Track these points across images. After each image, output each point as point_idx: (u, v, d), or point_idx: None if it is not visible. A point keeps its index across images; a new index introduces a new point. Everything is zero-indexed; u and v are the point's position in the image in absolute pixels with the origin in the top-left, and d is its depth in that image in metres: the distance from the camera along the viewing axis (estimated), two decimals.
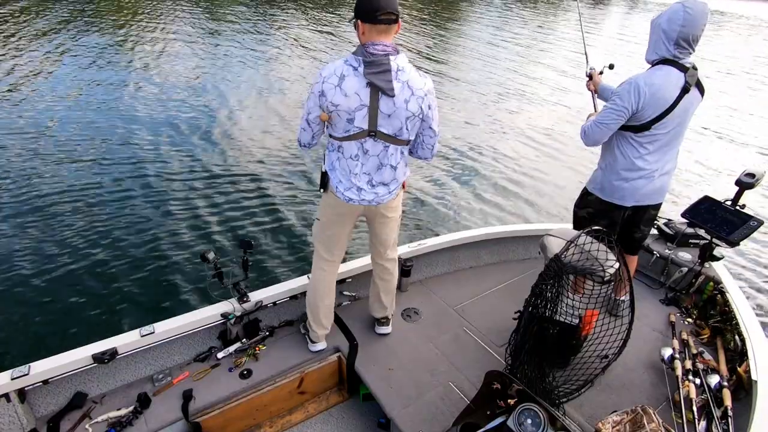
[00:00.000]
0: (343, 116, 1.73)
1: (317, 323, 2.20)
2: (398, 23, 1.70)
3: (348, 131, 1.76)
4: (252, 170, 5.38)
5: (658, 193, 2.21)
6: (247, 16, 14.86)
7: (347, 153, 1.81)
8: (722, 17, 31.35)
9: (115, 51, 9.79)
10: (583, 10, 31.22)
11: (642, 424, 1.61)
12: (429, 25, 16.60)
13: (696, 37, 1.89)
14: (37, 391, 1.86)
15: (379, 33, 1.67)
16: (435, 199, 5.16)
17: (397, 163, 1.87)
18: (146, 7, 14.85)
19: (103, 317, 3.21)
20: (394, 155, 1.85)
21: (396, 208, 2.05)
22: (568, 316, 1.90)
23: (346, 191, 1.87)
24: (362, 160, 1.82)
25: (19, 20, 11.86)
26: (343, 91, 1.68)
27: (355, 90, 1.69)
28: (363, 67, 1.67)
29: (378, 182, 1.88)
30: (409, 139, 1.84)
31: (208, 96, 7.69)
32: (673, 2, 1.93)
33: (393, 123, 1.76)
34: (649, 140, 2.05)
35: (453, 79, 10.01)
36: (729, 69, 13.85)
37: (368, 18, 1.64)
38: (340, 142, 1.81)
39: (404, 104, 1.73)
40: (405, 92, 1.72)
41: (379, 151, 1.81)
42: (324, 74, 1.72)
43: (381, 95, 1.70)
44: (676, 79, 1.94)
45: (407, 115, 1.76)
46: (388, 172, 1.87)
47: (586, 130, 2.12)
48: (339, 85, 1.68)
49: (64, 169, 5.03)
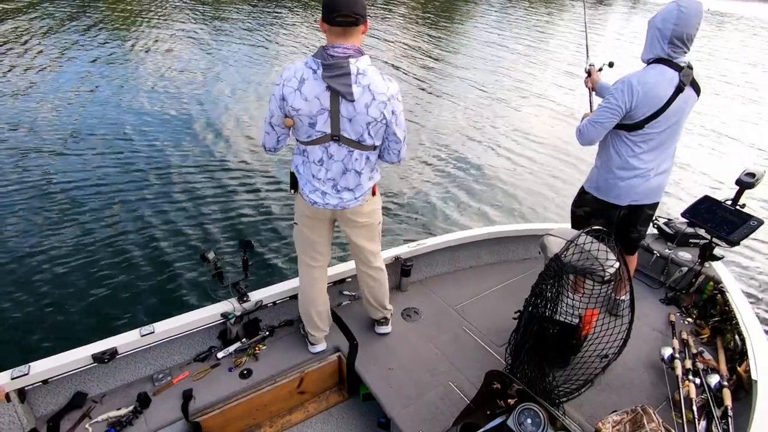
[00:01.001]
0: (305, 121, 1.68)
1: (313, 327, 2.20)
2: (364, 25, 1.64)
3: (310, 136, 1.72)
4: (252, 170, 5.38)
5: (654, 193, 2.20)
6: (252, 14, 14.87)
7: (312, 157, 1.79)
8: (722, 18, 31.35)
9: (117, 47, 9.79)
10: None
11: (642, 423, 1.61)
12: (429, 24, 16.61)
13: (690, 36, 1.90)
14: (37, 391, 1.86)
15: (337, 35, 1.61)
16: (435, 199, 5.16)
17: (361, 169, 1.81)
18: (152, 5, 14.86)
19: (103, 317, 3.21)
20: (359, 160, 1.79)
21: (368, 214, 1.96)
22: (568, 315, 1.90)
23: (310, 194, 1.85)
24: (327, 165, 1.79)
25: (26, 17, 11.86)
26: (303, 95, 1.63)
27: (315, 94, 1.63)
28: (321, 70, 1.61)
29: (343, 187, 1.84)
30: (373, 144, 1.77)
31: (210, 95, 7.69)
32: (668, 1, 1.93)
33: (355, 128, 1.70)
34: (643, 139, 2.05)
35: (452, 78, 10.02)
36: (729, 69, 13.85)
37: (326, 19, 1.59)
38: (305, 146, 1.78)
39: (365, 109, 1.66)
40: (365, 96, 1.65)
41: (343, 156, 1.77)
42: (284, 77, 1.67)
43: (341, 99, 1.64)
44: (670, 77, 1.94)
45: (368, 120, 1.68)
46: (352, 178, 1.82)
47: (581, 129, 2.12)
48: (299, 89, 1.64)
49: (64, 169, 5.03)
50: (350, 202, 1.88)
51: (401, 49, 12.33)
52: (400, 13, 17.62)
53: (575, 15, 23.67)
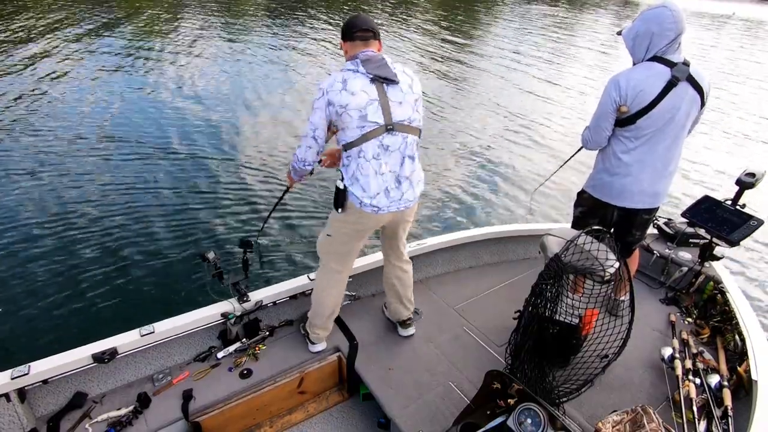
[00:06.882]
0: (354, 115, 1.71)
1: (322, 327, 2.21)
2: (378, 41, 1.83)
3: (363, 128, 1.73)
4: (252, 170, 5.38)
5: (650, 197, 2.15)
6: (277, 20, 14.86)
7: (369, 154, 1.76)
8: (725, 18, 31.31)
9: (134, 49, 9.79)
10: (613, 7, 31.23)
11: (642, 423, 1.61)
12: (448, 27, 16.60)
13: (682, 32, 1.92)
14: (37, 391, 1.86)
15: (359, 48, 1.80)
16: (435, 199, 5.16)
17: (414, 154, 1.89)
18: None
19: (103, 317, 3.21)
20: (412, 145, 1.86)
21: (415, 210, 2.09)
22: (568, 315, 1.90)
23: (372, 200, 1.81)
24: (385, 159, 1.79)
25: (42, 16, 11.87)
26: (349, 91, 1.70)
27: (361, 87, 1.71)
28: (362, 66, 1.72)
29: (404, 177, 1.87)
30: (419, 127, 1.87)
31: (212, 95, 7.69)
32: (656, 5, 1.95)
33: (405, 110, 1.79)
34: (636, 135, 2.04)
35: (464, 79, 10.02)
36: (729, 69, 13.84)
37: (347, 36, 1.81)
38: (359, 146, 1.75)
39: (409, 89, 1.81)
40: (405, 78, 1.81)
41: (399, 145, 1.81)
42: (324, 86, 1.74)
43: (386, 87, 1.75)
44: (659, 72, 1.94)
45: (415, 97, 1.83)
46: (408, 165, 1.87)
47: (584, 135, 2.21)
48: (344, 88, 1.71)
49: (63, 169, 5.03)
50: (411, 202, 1.93)
51: (412, 54, 12.31)
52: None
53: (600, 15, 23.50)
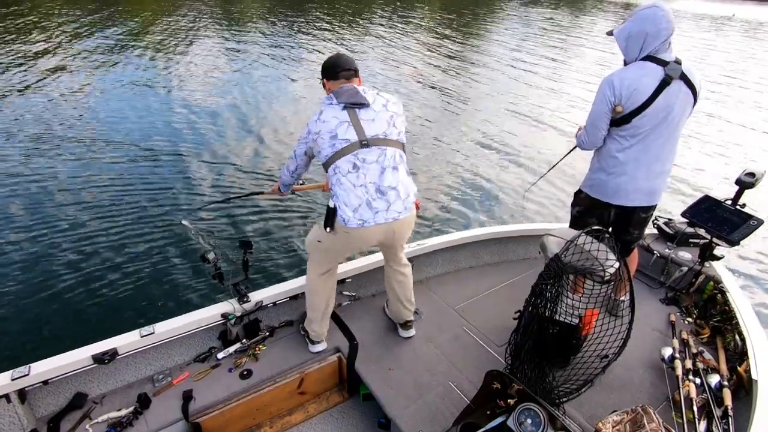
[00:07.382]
0: (326, 137, 1.82)
1: (319, 324, 2.21)
2: (358, 78, 1.95)
3: (334, 146, 1.81)
4: (252, 170, 5.38)
5: (646, 196, 2.15)
6: (285, 24, 14.86)
7: (344, 169, 1.80)
8: (725, 20, 31.32)
9: (134, 48, 9.79)
10: (612, 9, 31.21)
11: (642, 423, 1.61)
12: (453, 28, 16.59)
13: (673, 32, 1.94)
14: (37, 392, 1.86)
15: (339, 85, 1.90)
16: (435, 200, 5.16)
17: (397, 165, 1.85)
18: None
19: (103, 317, 3.21)
20: (393, 158, 1.84)
21: (413, 223, 2.05)
22: (568, 315, 1.90)
23: (355, 213, 1.80)
24: (363, 171, 1.80)
25: (46, 17, 11.87)
26: (322, 120, 1.84)
27: (333, 115, 1.83)
28: (335, 99, 1.84)
29: (387, 187, 1.82)
30: (399, 140, 1.89)
31: (212, 95, 7.69)
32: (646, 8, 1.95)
33: (379, 125, 1.84)
34: (631, 134, 2.05)
35: (464, 79, 10.02)
36: (729, 70, 13.84)
37: (331, 75, 1.93)
38: (335, 163, 1.82)
39: (383, 107, 1.87)
40: (379, 99, 1.88)
41: (377, 156, 1.82)
42: (309, 123, 1.89)
43: (358, 110, 1.83)
44: (652, 71, 1.95)
45: (390, 114, 1.88)
46: (390, 175, 1.82)
47: (580, 136, 2.23)
48: (318, 118, 1.85)
49: (64, 170, 5.03)
50: (400, 214, 1.87)
51: (410, 60, 12.31)
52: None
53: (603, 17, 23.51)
